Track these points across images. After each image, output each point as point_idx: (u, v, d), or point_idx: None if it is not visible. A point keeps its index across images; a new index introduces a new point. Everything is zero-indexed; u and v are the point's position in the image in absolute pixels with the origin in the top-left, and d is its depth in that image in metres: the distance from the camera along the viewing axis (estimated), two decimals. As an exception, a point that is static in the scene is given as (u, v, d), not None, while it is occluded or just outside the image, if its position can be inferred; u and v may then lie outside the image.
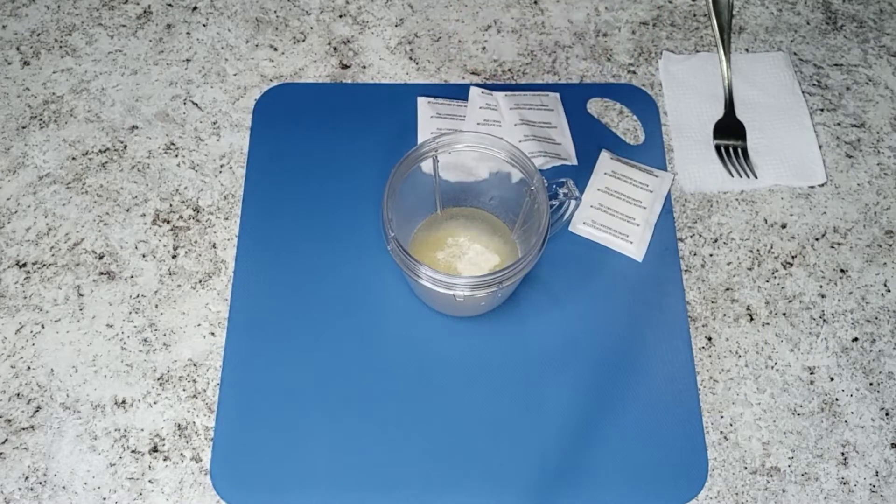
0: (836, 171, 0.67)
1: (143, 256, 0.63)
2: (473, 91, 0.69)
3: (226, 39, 0.72)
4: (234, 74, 0.71)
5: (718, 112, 0.69)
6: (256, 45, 0.72)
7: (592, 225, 0.64)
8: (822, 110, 0.70)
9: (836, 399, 0.59)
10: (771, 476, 0.56)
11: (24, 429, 0.57)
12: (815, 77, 0.71)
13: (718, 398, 0.58)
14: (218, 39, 0.72)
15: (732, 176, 0.66)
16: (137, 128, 0.68)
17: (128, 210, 0.65)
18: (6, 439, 0.56)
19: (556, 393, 0.58)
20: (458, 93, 0.69)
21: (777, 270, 0.63)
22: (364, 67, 0.71)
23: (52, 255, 0.63)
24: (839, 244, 0.64)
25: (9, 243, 0.63)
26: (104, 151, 0.67)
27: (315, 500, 0.55)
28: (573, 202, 0.57)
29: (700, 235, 0.64)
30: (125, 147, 0.67)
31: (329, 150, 0.67)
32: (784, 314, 0.61)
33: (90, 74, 0.70)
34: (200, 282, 0.62)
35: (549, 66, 0.71)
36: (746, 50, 0.73)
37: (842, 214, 0.65)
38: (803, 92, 0.70)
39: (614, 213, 0.64)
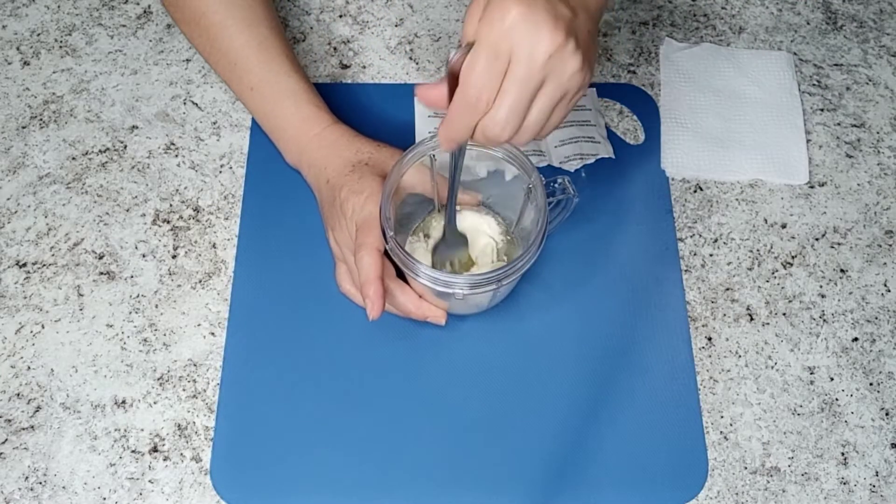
0: (836, 171, 0.67)
1: (143, 256, 0.63)
2: None
3: (226, 39, 0.72)
4: (234, 74, 0.71)
5: (711, 102, 0.69)
6: (256, 46, 0.72)
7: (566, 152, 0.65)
8: (822, 110, 0.70)
9: (836, 399, 0.59)
10: (771, 476, 0.56)
11: (24, 429, 0.57)
12: (815, 77, 0.71)
13: (718, 398, 0.58)
14: (218, 39, 0.72)
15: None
16: (137, 128, 0.68)
17: (128, 210, 0.65)
18: (6, 439, 0.56)
19: (556, 392, 0.58)
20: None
21: (777, 270, 0.63)
22: (364, 67, 0.71)
23: (52, 255, 0.63)
24: (839, 244, 0.64)
25: (9, 243, 0.63)
26: (104, 151, 0.67)
27: (315, 499, 0.55)
28: (571, 200, 0.57)
29: (700, 235, 0.64)
30: (125, 147, 0.67)
31: (329, 150, 0.67)
32: (784, 314, 0.61)
33: (90, 74, 0.70)
34: (200, 282, 0.62)
35: (549, 66, 0.71)
36: (748, 49, 0.73)
37: (842, 214, 0.65)
38: (803, 92, 0.70)
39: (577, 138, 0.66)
